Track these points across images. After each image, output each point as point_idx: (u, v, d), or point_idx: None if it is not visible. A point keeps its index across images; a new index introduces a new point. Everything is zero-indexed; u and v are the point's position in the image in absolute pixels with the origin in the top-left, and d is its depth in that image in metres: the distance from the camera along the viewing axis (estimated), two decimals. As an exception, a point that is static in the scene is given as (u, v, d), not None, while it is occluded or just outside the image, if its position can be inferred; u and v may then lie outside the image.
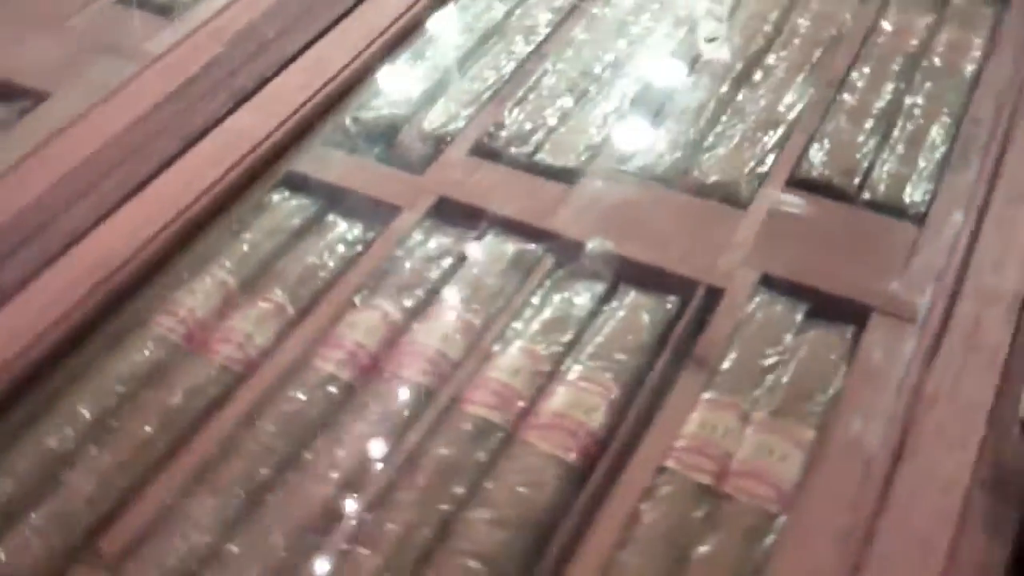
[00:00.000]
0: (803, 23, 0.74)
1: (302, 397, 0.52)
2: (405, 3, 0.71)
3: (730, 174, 0.63)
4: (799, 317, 0.56)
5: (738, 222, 0.60)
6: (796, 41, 0.72)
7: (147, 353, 0.53)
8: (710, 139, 0.65)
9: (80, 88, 0.67)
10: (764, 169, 0.63)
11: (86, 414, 0.51)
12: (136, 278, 0.56)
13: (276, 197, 0.61)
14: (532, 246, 0.59)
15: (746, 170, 0.63)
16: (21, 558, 0.46)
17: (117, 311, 0.55)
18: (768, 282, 0.57)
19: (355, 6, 0.71)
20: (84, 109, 0.64)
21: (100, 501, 0.48)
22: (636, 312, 0.56)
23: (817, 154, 0.64)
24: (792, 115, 0.66)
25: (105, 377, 0.52)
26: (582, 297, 0.57)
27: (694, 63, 0.70)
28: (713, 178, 0.62)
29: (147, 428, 0.50)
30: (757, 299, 0.56)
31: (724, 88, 0.68)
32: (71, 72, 0.68)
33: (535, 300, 0.57)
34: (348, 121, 0.65)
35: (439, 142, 0.65)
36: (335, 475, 0.49)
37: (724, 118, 0.67)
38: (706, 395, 0.52)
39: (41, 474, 0.49)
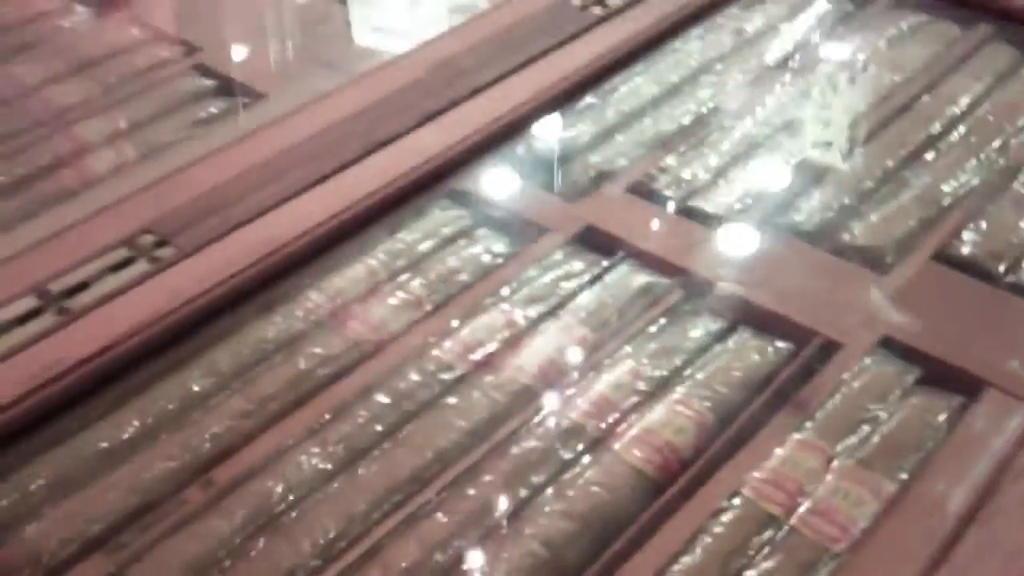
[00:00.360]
0: (985, 110, 0.74)
1: (416, 379, 0.56)
2: (595, 53, 0.76)
3: (878, 240, 0.64)
4: (910, 380, 0.57)
5: (875, 285, 0.61)
6: (975, 126, 0.72)
7: (292, 322, 0.59)
8: (866, 206, 0.66)
9: (293, 93, 0.74)
10: (913, 240, 0.64)
11: (226, 366, 0.57)
12: (299, 257, 0.62)
13: (437, 207, 0.67)
14: (663, 279, 0.62)
15: (895, 238, 0.64)
16: (145, 473, 0.52)
17: (276, 282, 0.61)
18: (888, 344, 0.58)
19: (549, 51, 0.75)
20: (291, 110, 0.71)
21: (221, 439, 0.54)
22: (747, 351, 0.58)
23: (970, 234, 0.64)
24: (955, 195, 0.67)
25: (250, 337, 0.58)
26: (698, 331, 0.59)
27: (869, 136, 0.72)
28: (860, 241, 0.64)
29: (275, 385, 0.56)
30: (872, 358, 0.57)
31: (891, 162, 0.70)
32: (289, 80, 0.76)
33: (653, 328, 0.59)
34: (521, 149, 0.70)
35: (601, 177, 0.68)
36: (428, 451, 0.53)
37: (884, 189, 0.68)
38: (796, 435, 0.53)
39: (178, 411, 0.55)
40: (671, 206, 0.66)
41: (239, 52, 0.78)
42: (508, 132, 0.71)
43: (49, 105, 0.74)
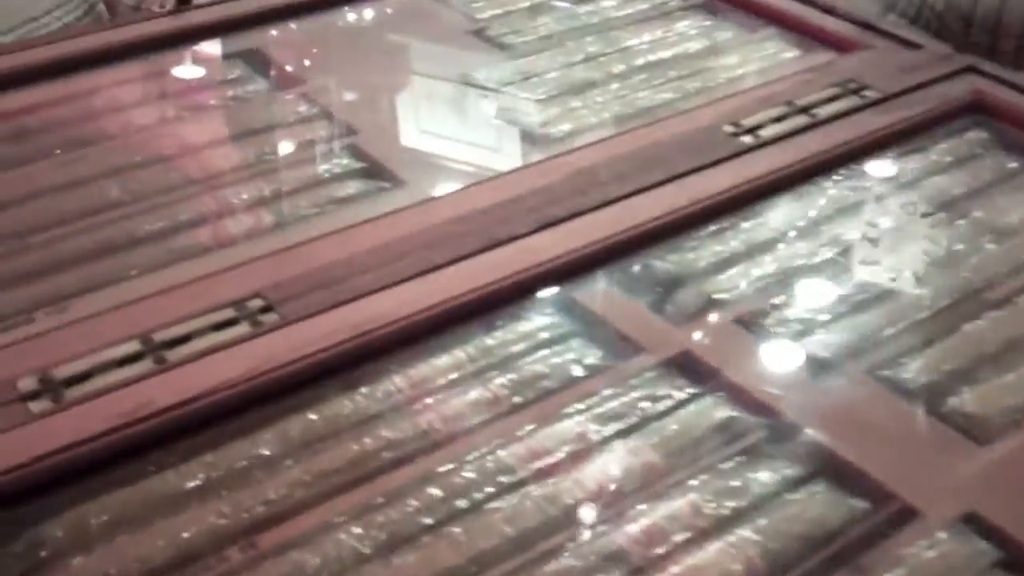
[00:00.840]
0: None
1: (473, 476, 0.56)
2: (733, 181, 0.75)
3: (985, 409, 0.61)
4: (987, 562, 0.54)
5: (969, 456, 0.58)
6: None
7: (371, 403, 0.61)
8: (980, 373, 0.64)
9: (430, 184, 0.77)
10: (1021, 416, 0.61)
11: (297, 435, 0.59)
12: (393, 341, 0.63)
13: (539, 311, 0.67)
14: (748, 416, 0.60)
15: (1002, 409, 0.61)
16: (197, 525, 0.54)
17: (366, 362, 0.63)
18: (971, 520, 0.55)
19: (688, 173, 0.76)
20: (421, 200, 0.73)
21: (274, 505, 0.55)
22: (817, 503, 0.56)
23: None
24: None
25: (328, 411, 0.60)
26: (772, 475, 0.57)
27: (1003, 302, 0.69)
28: (966, 408, 0.61)
29: (338, 462, 0.57)
30: (950, 531, 0.55)
31: (1016, 334, 0.66)
32: (432, 171, 0.79)
33: (726, 465, 0.58)
34: (637, 265, 0.70)
35: (711, 305, 0.68)
36: (468, 551, 0.53)
37: (1002, 358, 0.65)
38: (848, 601, 0.51)
39: (242, 471, 0.57)
40: (775, 344, 0.65)
41: (393, 140, 0.81)
42: (627, 247, 0.71)
43: (206, 166, 0.78)
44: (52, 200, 0.75)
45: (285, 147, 0.81)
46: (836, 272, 0.71)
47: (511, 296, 0.67)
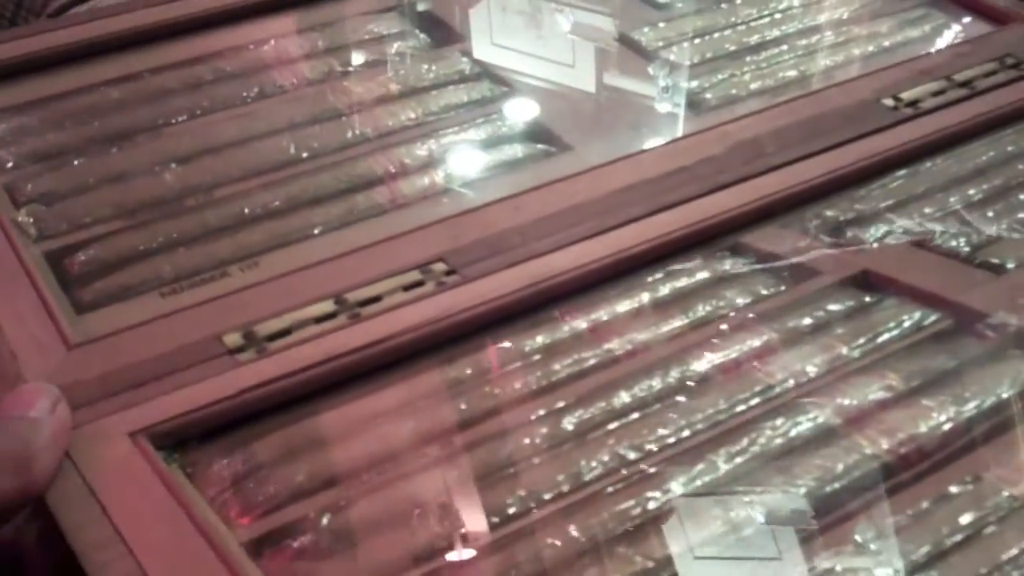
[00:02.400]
0: None
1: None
2: (890, 144, 0.77)
3: None
4: None
5: None
6: None
7: (556, 334, 0.64)
8: None
9: (599, 150, 0.79)
10: None
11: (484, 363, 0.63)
12: (569, 287, 0.67)
13: (712, 255, 0.70)
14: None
15: None
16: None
17: (535, 312, 0.66)
18: None
19: (847, 142, 0.77)
20: (591, 167, 0.75)
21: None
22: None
23: None
24: None
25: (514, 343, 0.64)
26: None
27: None
28: None
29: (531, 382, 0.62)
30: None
31: None
32: (601, 136, 0.81)
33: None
34: (809, 214, 0.72)
35: (884, 235, 0.71)
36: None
37: None
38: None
39: (436, 390, 0.61)
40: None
41: (552, 102, 0.82)
42: (796, 200, 0.73)
43: (378, 124, 0.80)
44: (231, 155, 0.78)
45: (450, 107, 0.83)
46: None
47: (686, 247, 0.70)
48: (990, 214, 0.73)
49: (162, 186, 0.75)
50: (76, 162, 0.77)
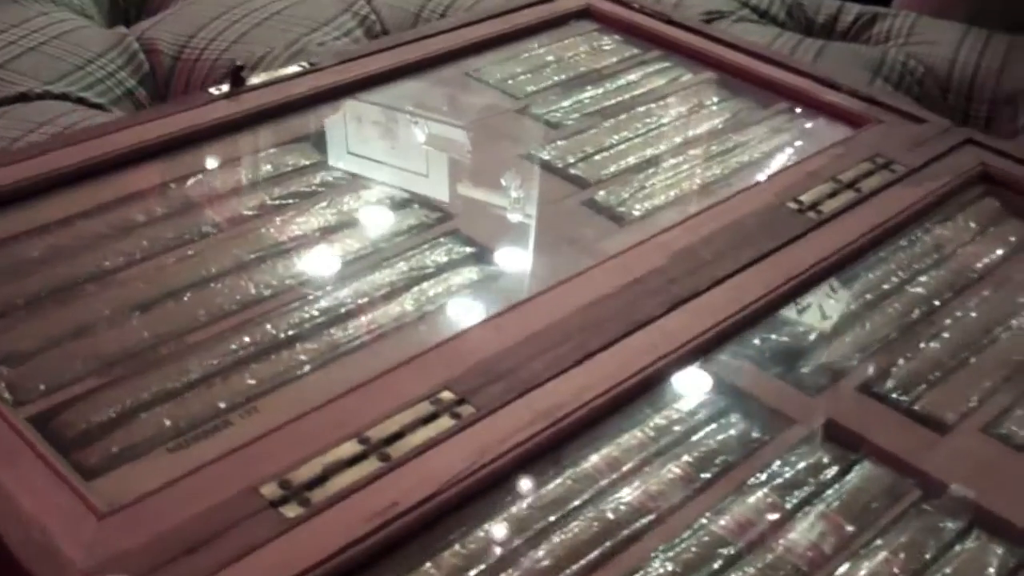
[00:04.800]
0: None
1: (696, 551, 0.63)
2: (812, 260, 0.84)
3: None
4: None
5: (1089, 500, 0.69)
6: None
7: (577, 483, 0.67)
8: (1074, 424, 0.74)
9: (544, 267, 0.83)
10: None
11: (523, 517, 0.64)
12: (577, 426, 0.69)
13: (692, 389, 0.74)
14: (903, 478, 0.69)
15: (1102, 458, 0.71)
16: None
17: (559, 448, 0.68)
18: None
19: (773, 252, 0.84)
20: (551, 285, 0.79)
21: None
22: (985, 554, 0.65)
23: None
24: None
25: (545, 494, 0.66)
26: (941, 530, 0.66)
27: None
28: (1074, 459, 0.71)
29: (569, 544, 0.63)
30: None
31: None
32: (538, 253, 0.85)
33: (899, 523, 0.66)
34: (757, 340, 0.78)
35: (833, 375, 0.76)
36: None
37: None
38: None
39: (482, 553, 0.62)
40: (900, 408, 0.74)
41: (489, 222, 0.86)
42: (743, 324, 0.79)
43: (328, 256, 0.81)
44: (193, 299, 0.77)
45: (392, 234, 0.85)
46: (933, 331, 0.80)
47: (663, 376, 0.74)
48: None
49: (130, 336, 0.74)
50: (31, 318, 0.75)
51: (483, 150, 0.99)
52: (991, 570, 0.64)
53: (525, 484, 0.66)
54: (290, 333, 0.75)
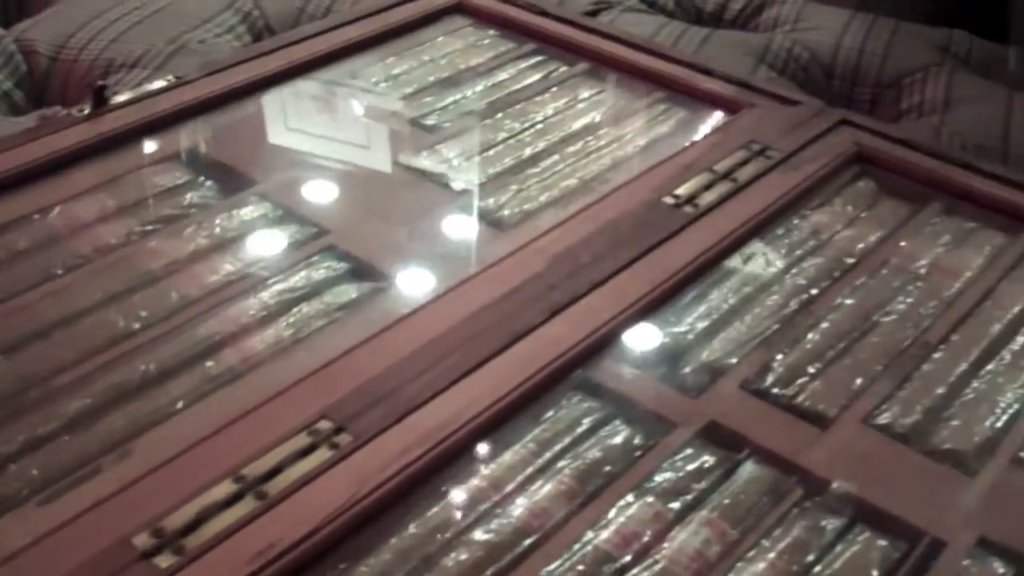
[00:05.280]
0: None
1: (583, 568, 0.63)
2: (690, 256, 0.84)
3: (961, 445, 0.72)
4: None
5: (965, 487, 0.69)
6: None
7: (461, 507, 0.66)
8: (949, 410, 0.75)
9: (423, 280, 0.82)
10: (993, 444, 0.72)
11: (407, 546, 0.63)
12: (460, 447, 0.69)
13: (574, 398, 0.74)
14: (785, 476, 0.69)
15: (975, 443, 0.72)
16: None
17: (441, 471, 0.68)
18: (984, 543, 0.66)
19: (651, 249, 0.84)
20: (430, 299, 0.78)
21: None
22: (868, 550, 0.66)
23: (1042, 439, 0.73)
24: (1021, 402, 0.76)
25: (427, 520, 0.65)
26: (823, 528, 0.67)
27: (943, 340, 0.80)
28: (947, 445, 0.72)
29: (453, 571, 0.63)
30: (972, 557, 0.65)
31: (963, 368, 0.78)
32: (416, 265, 0.84)
33: (783, 524, 0.67)
34: (639, 342, 0.78)
35: (713, 374, 0.76)
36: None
37: (965, 392, 0.76)
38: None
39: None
40: (781, 404, 0.74)
41: (366, 235, 0.84)
42: (625, 326, 0.78)
43: (200, 282, 0.80)
44: (61, 337, 0.75)
45: (266, 254, 0.83)
46: (806, 326, 0.81)
47: (546, 387, 0.73)
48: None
49: (-4, 382, 0.72)
50: None
51: (358, 159, 0.97)
52: (874, 567, 0.65)
53: (407, 512, 0.65)
54: (163, 368, 0.74)
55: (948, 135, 1.20)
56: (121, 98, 0.96)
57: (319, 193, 0.91)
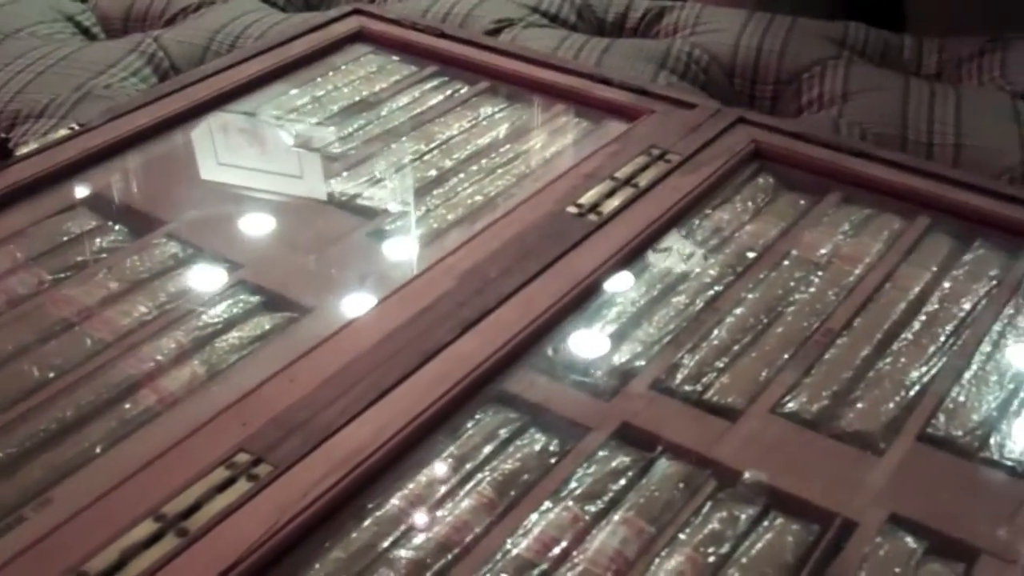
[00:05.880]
0: (936, 297, 0.86)
1: (504, 576, 0.65)
2: (595, 263, 0.86)
3: (869, 425, 0.74)
4: (919, 552, 0.67)
5: (873, 466, 0.72)
6: (930, 313, 0.84)
7: (382, 527, 0.67)
8: (854, 393, 0.77)
9: (336, 307, 0.83)
10: (898, 424, 0.75)
11: (330, 571, 0.64)
12: (378, 468, 0.70)
13: (490, 410, 0.75)
14: (698, 470, 0.71)
15: (882, 423, 0.75)
16: None
17: (361, 494, 0.69)
18: (895, 520, 0.68)
19: (557, 259, 0.85)
20: (342, 324, 0.79)
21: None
22: (782, 535, 0.68)
23: (944, 415, 0.75)
24: (924, 380, 0.78)
25: (349, 543, 0.66)
26: (738, 518, 0.69)
27: (846, 326, 0.83)
28: (854, 427, 0.74)
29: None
30: (884, 534, 0.67)
31: (867, 352, 0.81)
32: (329, 292, 0.85)
33: (698, 517, 0.69)
34: (550, 351, 0.79)
35: (624, 376, 0.78)
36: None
37: (870, 375, 0.79)
38: (837, 609, 0.63)
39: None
40: (691, 400, 0.76)
41: (276, 267, 0.85)
42: (535, 336, 0.80)
43: (113, 326, 0.80)
44: (-27, 390, 0.75)
45: (179, 292, 0.84)
46: (710, 324, 0.83)
47: (460, 402, 0.75)
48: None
49: (-89, 441, 0.72)
50: None
51: (267, 191, 0.98)
52: (788, 552, 0.67)
53: (329, 536, 0.66)
54: (79, 414, 0.74)
55: (847, 125, 1.23)
56: (25, 149, 0.96)
57: (229, 228, 0.92)
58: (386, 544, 0.66)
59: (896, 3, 1.63)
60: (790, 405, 0.76)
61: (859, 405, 0.76)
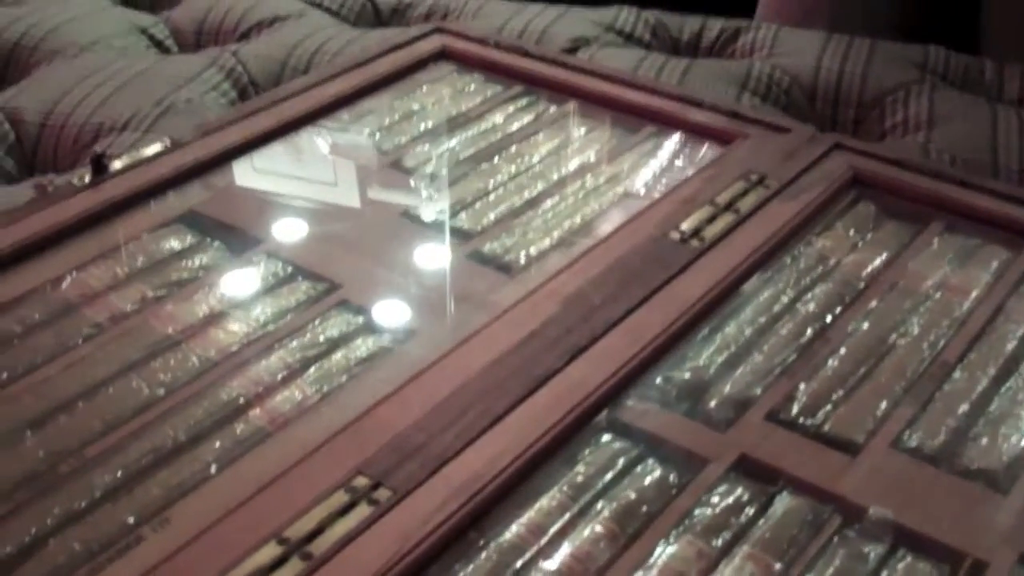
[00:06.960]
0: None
1: (632, 611, 0.63)
2: (701, 290, 0.84)
3: (991, 463, 0.73)
4: (1053, 593, 0.65)
5: (1000, 505, 0.70)
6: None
7: (503, 555, 0.66)
8: (975, 429, 0.76)
9: (440, 330, 0.82)
10: (1021, 463, 0.73)
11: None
12: (496, 496, 0.69)
13: (603, 439, 0.74)
14: (821, 505, 0.70)
15: (1004, 461, 0.73)
16: None
17: (479, 521, 0.67)
18: (1025, 560, 0.67)
19: (662, 286, 0.84)
20: (449, 347, 0.78)
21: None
22: (912, 574, 0.66)
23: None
24: (1048, 415, 0.77)
25: (473, 570, 0.65)
26: (867, 555, 0.67)
27: (961, 358, 0.81)
28: (976, 464, 0.73)
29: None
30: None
31: (984, 386, 0.79)
32: (431, 315, 0.84)
33: (825, 554, 0.67)
34: (660, 380, 0.78)
35: (738, 407, 0.77)
36: None
37: (990, 410, 0.77)
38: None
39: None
40: (808, 433, 0.75)
41: (378, 289, 0.84)
42: (646, 363, 0.79)
43: (218, 344, 0.79)
44: (86, 409, 0.74)
45: (281, 312, 0.83)
46: (826, 353, 0.81)
47: (574, 430, 0.74)
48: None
49: (26, 458, 0.71)
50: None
51: (361, 212, 0.97)
52: (920, 586, 0.66)
53: (453, 563, 0.65)
54: (191, 434, 0.73)
55: (936, 152, 1.21)
56: (119, 164, 0.96)
57: (326, 248, 0.91)
58: (510, 573, 0.65)
59: (972, 24, 1.62)
60: (911, 440, 0.75)
61: (980, 441, 0.75)
